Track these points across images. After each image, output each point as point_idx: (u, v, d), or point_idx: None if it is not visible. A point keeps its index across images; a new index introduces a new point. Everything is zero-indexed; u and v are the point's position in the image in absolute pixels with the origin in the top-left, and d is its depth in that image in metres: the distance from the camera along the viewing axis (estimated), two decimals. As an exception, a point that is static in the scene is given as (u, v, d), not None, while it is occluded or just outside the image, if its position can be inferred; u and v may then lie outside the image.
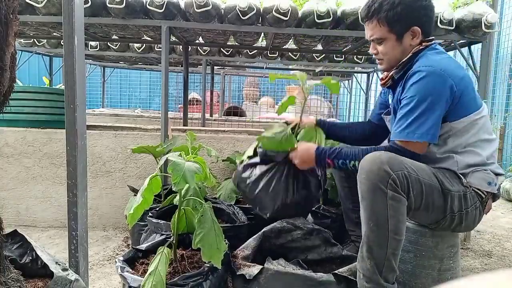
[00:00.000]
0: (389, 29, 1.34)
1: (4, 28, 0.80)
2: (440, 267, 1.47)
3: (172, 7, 2.20)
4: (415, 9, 1.31)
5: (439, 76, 1.23)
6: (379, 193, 1.14)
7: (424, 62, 1.29)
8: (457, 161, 1.31)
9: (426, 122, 1.23)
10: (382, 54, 1.39)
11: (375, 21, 1.35)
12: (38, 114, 2.45)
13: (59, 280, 1.01)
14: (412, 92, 1.26)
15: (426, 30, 1.35)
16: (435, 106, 1.23)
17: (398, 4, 1.30)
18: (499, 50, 4.97)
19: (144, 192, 1.22)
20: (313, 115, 6.02)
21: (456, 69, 1.29)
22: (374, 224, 1.16)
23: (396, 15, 1.30)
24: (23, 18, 2.24)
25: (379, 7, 1.33)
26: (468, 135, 1.31)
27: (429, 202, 1.24)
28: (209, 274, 1.27)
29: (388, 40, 1.36)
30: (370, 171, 1.16)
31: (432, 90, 1.23)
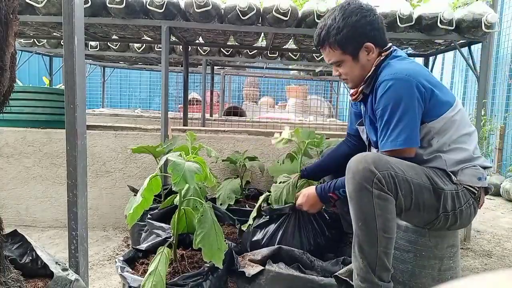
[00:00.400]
0: (342, 52, 1.38)
1: (4, 28, 0.79)
2: (440, 267, 1.47)
3: (172, 7, 2.20)
4: (361, 27, 1.34)
5: (405, 81, 1.26)
6: (365, 192, 1.17)
7: (388, 71, 1.32)
8: (445, 159, 1.32)
9: (405, 127, 1.26)
10: (344, 75, 1.44)
11: (327, 47, 1.40)
12: (38, 114, 2.44)
13: (59, 280, 1.01)
14: (384, 103, 1.29)
15: (379, 42, 1.39)
16: (409, 110, 1.25)
17: (343, 27, 1.34)
18: (499, 50, 4.97)
19: (144, 192, 1.22)
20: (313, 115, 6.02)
21: (420, 71, 1.33)
22: (362, 223, 1.18)
23: (344, 37, 1.34)
24: (23, 18, 2.24)
25: (326, 33, 1.37)
26: (451, 133, 1.33)
27: (419, 201, 1.25)
28: (209, 274, 1.27)
29: (345, 62, 1.40)
30: (356, 171, 1.19)
31: (402, 95, 1.25)
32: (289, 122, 4.67)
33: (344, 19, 1.34)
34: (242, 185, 2.18)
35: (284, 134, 1.83)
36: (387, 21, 2.20)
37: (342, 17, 1.35)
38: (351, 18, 1.34)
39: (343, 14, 1.35)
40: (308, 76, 6.70)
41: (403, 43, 2.71)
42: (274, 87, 8.97)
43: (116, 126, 2.50)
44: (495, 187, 3.92)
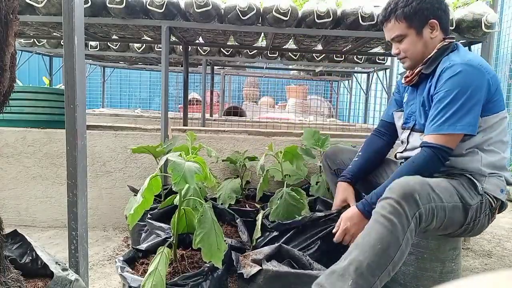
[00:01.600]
0: (407, 25, 1.39)
1: (4, 28, 0.79)
2: (442, 269, 1.47)
3: (172, 7, 2.20)
4: (429, 2, 1.37)
5: (477, 69, 1.26)
6: (403, 220, 1.09)
7: (459, 57, 1.32)
8: (481, 156, 1.31)
9: (468, 114, 1.24)
10: (404, 51, 1.43)
11: (393, 20, 1.41)
12: (38, 114, 2.45)
13: (59, 280, 1.01)
14: (450, 86, 1.27)
15: (443, 24, 1.40)
16: (475, 99, 1.24)
17: (412, 0, 1.36)
18: (499, 50, 4.97)
19: (144, 192, 1.22)
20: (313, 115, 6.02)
21: (489, 66, 1.33)
22: (381, 248, 1.07)
23: (412, 9, 1.36)
24: (23, 18, 2.24)
25: (394, 6, 1.40)
26: (495, 133, 1.32)
27: (449, 222, 1.23)
28: (209, 274, 1.27)
29: (408, 36, 1.40)
30: (400, 196, 1.11)
31: (471, 82, 1.25)
32: (289, 122, 4.67)
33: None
34: (242, 185, 2.18)
35: (261, 161, 1.85)
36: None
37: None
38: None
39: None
40: (308, 76, 6.70)
41: (403, 43, 2.71)
42: (274, 87, 8.97)
43: (116, 126, 2.50)
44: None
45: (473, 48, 2.47)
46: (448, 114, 1.26)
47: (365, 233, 1.12)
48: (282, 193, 1.77)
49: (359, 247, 1.10)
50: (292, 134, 2.53)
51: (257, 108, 6.93)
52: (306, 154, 2.06)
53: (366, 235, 1.12)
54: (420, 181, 1.17)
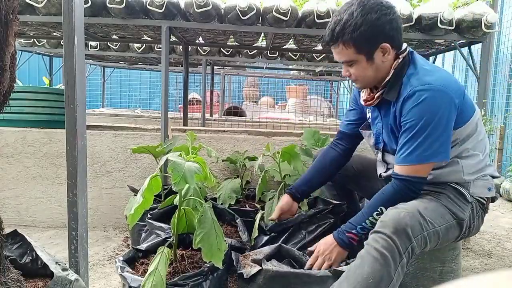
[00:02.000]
0: (356, 51, 1.26)
1: (4, 28, 0.79)
2: (442, 269, 1.47)
3: (172, 7, 2.20)
4: (380, 25, 1.23)
5: (440, 92, 1.19)
6: (395, 255, 1.08)
7: (420, 81, 1.23)
8: (462, 165, 1.29)
9: (436, 142, 1.19)
10: (355, 76, 1.33)
11: (341, 45, 1.27)
12: (38, 114, 2.45)
13: (59, 280, 1.01)
14: (415, 115, 1.20)
15: (396, 43, 1.28)
16: (442, 125, 1.18)
17: (361, 24, 1.22)
18: (499, 50, 4.97)
19: (144, 192, 1.22)
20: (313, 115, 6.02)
21: (451, 79, 1.26)
22: (373, 281, 1.06)
23: (361, 35, 1.22)
24: (23, 18, 2.24)
25: (342, 29, 1.24)
26: (472, 138, 1.30)
27: (444, 240, 1.24)
28: (209, 274, 1.27)
29: (358, 62, 1.29)
30: (394, 230, 1.10)
31: (437, 109, 1.18)
32: (289, 122, 4.67)
33: (363, 15, 1.21)
34: (242, 185, 2.18)
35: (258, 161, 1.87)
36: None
37: (361, 13, 1.22)
38: (370, 15, 1.21)
39: (362, 10, 1.22)
40: (308, 76, 6.70)
41: (403, 43, 2.71)
42: (274, 87, 8.97)
43: (116, 126, 2.50)
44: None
45: (473, 48, 2.46)
46: (415, 145, 1.20)
47: (357, 265, 1.11)
48: (274, 195, 1.79)
49: (351, 279, 1.09)
50: (292, 134, 2.53)
51: (257, 108, 6.93)
52: (306, 154, 2.07)
53: (358, 266, 1.10)
54: (410, 212, 1.15)
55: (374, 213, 1.26)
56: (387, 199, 1.27)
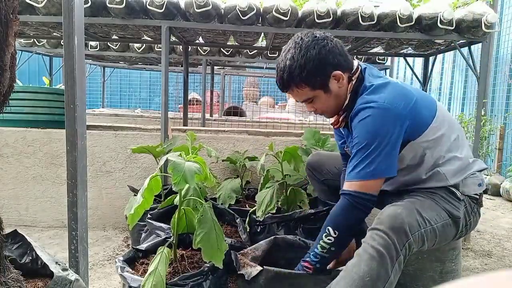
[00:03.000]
0: (311, 88, 1.29)
1: (4, 28, 0.80)
2: (442, 269, 1.47)
3: (172, 7, 2.20)
4: (323, 58, 1.25)
5: (383, 109, 1.19)
6: (392, 252, 1.08)
7: (365, 99, 1.24)
8: (443, 173, 1.28)
9: (378, 158, 1.17)
10: (320, 109, 1.36)
11: (295, 88, 1.30)
12: (38, 114, 2.45)
13: (59, 280, 1.01)
14: (359, 132, 1.21)
15: (345, 67, 1.29)
16: (386, 141, 1.17)
17: (305, 64, 1.24)
18: (499, 50, 4.97)
19: (144, 192, 1.22)
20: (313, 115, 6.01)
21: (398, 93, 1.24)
22: (370, 279, 1.06)
23: (309, 73, 1.25)
24: (23, 18, 2.24)
25: (289, 75, 1.27)
26: (441, 143, 1.28)
27: (442, 238, 1.24)
28: (209, 274, 1.27)
29: (318, 97, 1.31)
30: (390, 228, 1.09)
31: (380, 126, 1.18)
32: (289, 122, 4.67)
33: (304, 55, 1.24)
34: (242, 185, 2.18)
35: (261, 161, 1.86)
36: (387, 21, 2.20)
37: (300, 54, 1.24)
38: (309, 52, 1.24)
39: (300, 51, 1.25)
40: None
41: (403, 43, 2.71)
42: (274, 87, 8.96)
43: (116, 126, 2.50)
44: (495, 187, 3.92)
45: (473, 48, 2.47)
46: (358, 161, 1.20)
47: (354, 263, 1.10)
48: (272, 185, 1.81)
49: (348, 278, 1.09)
50: (292, 134, 2.53)
51: (257, 108, 6.93)
52: (306, 154, 2.06)
53: (355, 265, 1.10)
54: (407, 210, 1.15)
55: (323, 235, 1.24)
56: (334, 217, 1.25)
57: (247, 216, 1.79)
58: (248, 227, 1.75)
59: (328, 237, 1.22)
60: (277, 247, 1.54)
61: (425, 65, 3.09)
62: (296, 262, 1.50)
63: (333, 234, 1.22)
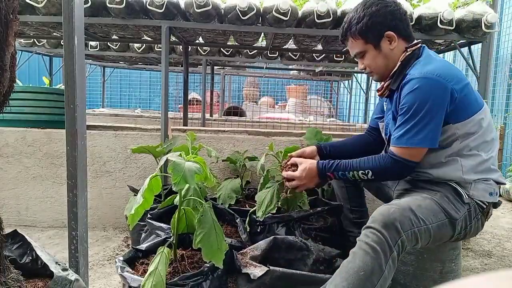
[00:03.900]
0: (364, 41, 1.40)
1: (4, 28, 0.79)
2: (442, 269, 1.47)
3: (172, 7, 2.20)
4: (381, 15, 1.36)
5: (435, 81, 1.24)
6: (385, 248, 1.12)
7: (417, 70, 1.30)
8: (462, 164, 1.29)
9: (425, 128, 1.24)
10: (368, 66, 1.45)
11: (350, 38, 1.43)
12: (38, 114, 2.45)
13: (59, 280, 1.01)
14: (409, 101, 1.27)
15: (402, 33, 1.38)
16: (433, 112, 1.23)
17: (364, 16, 1.37)
18: (499, 50, 4.97)
19: (144, 192, 1.22)
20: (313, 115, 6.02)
21: (452, 71, 1.29)
22: (364, 274, 1.10)
23: (365, 26, 1.37)
24: (23, 18, 2.24)
25: (349, 24, 1.42)
26: (474, 136, 1.30)
27: (437, 238, 1.25)
28: (209, 274, 1.27)
29: (368, 52, 1.42)
30: (382, 225, 1.14)
31: (429, 96, 1.23)
32: (289, 122, 4.67)
33: (365, 9, 1.37)
34: (242, 185, 2.18)
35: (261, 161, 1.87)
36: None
37: (363, 8, 1.38)
38: (371, 8, 1.37)
39: (364, 5, 1.39)
40: (308, 76, 6.70)
41: (403, 43, 2.71)
42: (274, 87, 8.97)
43: (116, 126, 2.50)
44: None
45: (473, 48, 2.46)
46: (405, 129, 1.27)
47: (349, 260, 1.14)
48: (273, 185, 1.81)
49: (343, 273, 1.13)
50: (292, 134, 2.53)
51: (257, 108, 6.93)
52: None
53: (350, 261, 1.14)
54: (401, 208, 1.19)
55: (361, 172, 1.36)
56: (378, 168, 1.34)
57: (247, 216, 1.79)
58: (248, 227, 1.75)
59: (364, 175, 1.36)
60: (277, 247, 1.54)
61: (425, 65, 3.08)
62: (295, 263, 1.51)
63: (370, 176, 1.35)
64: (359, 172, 1.36)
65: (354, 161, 1.38)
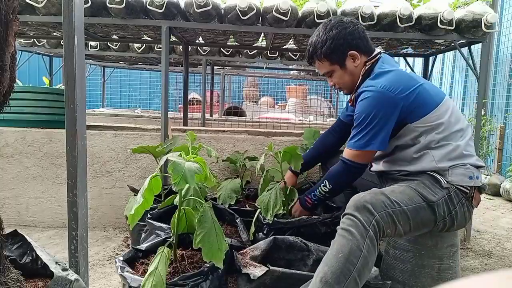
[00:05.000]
0: (329, 62, 1.53)
1: (4, 28, 0.80)
2: (440, 266, 1.47)
3: (172, 7, 2.20)
4: (342, 38, 1.48)
5: (382, 93, 1.36)
6: (361, 229, 1.17)
7: (367, 83, 1.43)
8: (433, 155, 1.37)
9: (368, 133, 1.37)
10: (337, 83, 1.58)
11: (316, 61, 1.56)
12: (38, 114, 2.44)
13: (59, 280, 1.01)
14: (359, 109, 1.41)
15: (362, 50, 1.50)
16: (377, 119, 1.35)
17: (326, 40, 1.49)
18: (499, 50, 4.97)
19: (144, 192, 1.22)
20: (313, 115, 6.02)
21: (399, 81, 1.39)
22: (343, 256, 1.14)
23: (328, 48, 1.49)
24: (23, 18, 2.24)
25: (313, 49, 1.54)
26: (439, 130, 1.38)
27: (417, 222, 1.29)
28: (209, 274, 1.27)
29: (335, 71, 1.54)
30: (355, 209, 1.21)
31: (376, 106, 1.36)
32: (289, 122, 4.67)
33: (326, 33, 1.50)
34: (242, 185, 2.18)
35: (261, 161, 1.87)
36: (387, 21, 2.20)
37: (324, 32, 1.50)
38: (332, 31, 1.49)
39: (325, 29, 1.51)
40: (308, 76, 6.70)
41: (403, 43, 2.71)
42: (274, 87, 8.97)
43: (116, 126, 2.50)
44: (495, 187, 3.92)
45: (473, 48, 2.47)
46: (355, 133, 1.41)
47: (330, 248, 1.20)
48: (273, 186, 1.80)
49: (325, 260, 1.18)
50: (292, 134, 2.53)
51: (257, 108, 6.93)
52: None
53: (330, 249, 1.19)
54: (372, 193, 1.27)
55: (321, 185, 1.55)
56: (332, 175, 1.53)
57: (253, 219, 1.77)
58: (254, 228, 1.74)
59: (324, 187, 1.54)
60: (277, 247, 1.54)
61: (425, 65, 3.09)
62: (296, 263, 1.52)
63: (328, 186, 1.53)
64: (320, 187, 1.55)
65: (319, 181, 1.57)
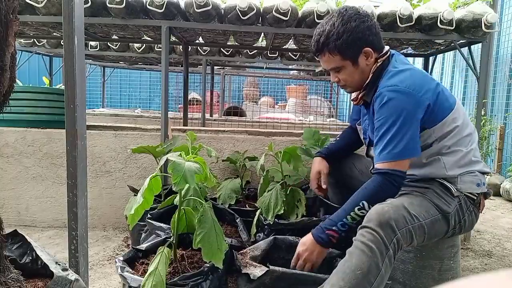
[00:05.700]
0: (341, 57, 1.37)
1: (4, 28, 0.80)
2: (441, 267, 1.47)
3: (172, 7, 2.20)
4: (360, 32, 1.33)
5: (405, 94, 1.26)
6: (382, 247, 1.12)
7: (388, 81, 1.31)
8: (443, 162, 1.33)
9: (402, 139, 1.24)
10: (344, 80, 1.43)
11: (327, 53, 1.38)
12: (38, 114, 2.44)
13: (59, 280, 1.01)
14: (382, 115, 1.28)
15: (376, 47, 1.38)
16: (408, 123, 1.24)
17: (343, 32, 1.32)
18: (499, 50, 4.97)
19: (144, 192, 1.22)
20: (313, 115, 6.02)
21: (422, 79, 1.31)
22: (361, 273, 1.09)
23: (344, 42, 1.33)
24: (23, 18, 2.23)
25: (326, 39, 1.35)
26: (451, 135, 1.34)
27: (431, 234, 1.27)
28: (209, 274, 1.27)
29: (345, 67, 1.39)
30: (377, 224, 1.14)
31: (401, 109, 1.25)
32: (289, 122, 4.67)
33: (344, 24, 1.33)
34: (242, 185, 2.18)
35: (261, 161, 1.87)
36: (387, 21, 2.20)
37: (341, 23, 1.33)
38: (350, 23, 1.33)
39: (342, 20, 1.34)
40: (308, 76, 6.70)
41: (403, 43, 2.71)
42: (274, 87, 8.97)
43: (116, 126, 2.50)
44: (495, 187, 3.92)
45: (473, 48, 2.47)
46: (384, 143, 1.27)
47: (346, 259, 1.15)
48: (274, 186, 1.81)
49: (340, 273, 1.13)
50: (292, 134, 2.53)
51: (257, 108, 6.93)
52: (306, 154, 2.06)
53: (346, 260, 1.14)
54: (395, 206, 1.20)
55: (356, 208, 1.27)
56: (370, 193, 1.28)
57: (254, 219, 1.77)
58: (255, 229, 1.74)
59: (361, 210, 1.26)
60: (277, 247, 1.54)
61: (425, 65, 3.09)
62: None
63: (367, 208, 1.25)
64: (355, 210, 1.27)
65: (345, 205, 1.31)
